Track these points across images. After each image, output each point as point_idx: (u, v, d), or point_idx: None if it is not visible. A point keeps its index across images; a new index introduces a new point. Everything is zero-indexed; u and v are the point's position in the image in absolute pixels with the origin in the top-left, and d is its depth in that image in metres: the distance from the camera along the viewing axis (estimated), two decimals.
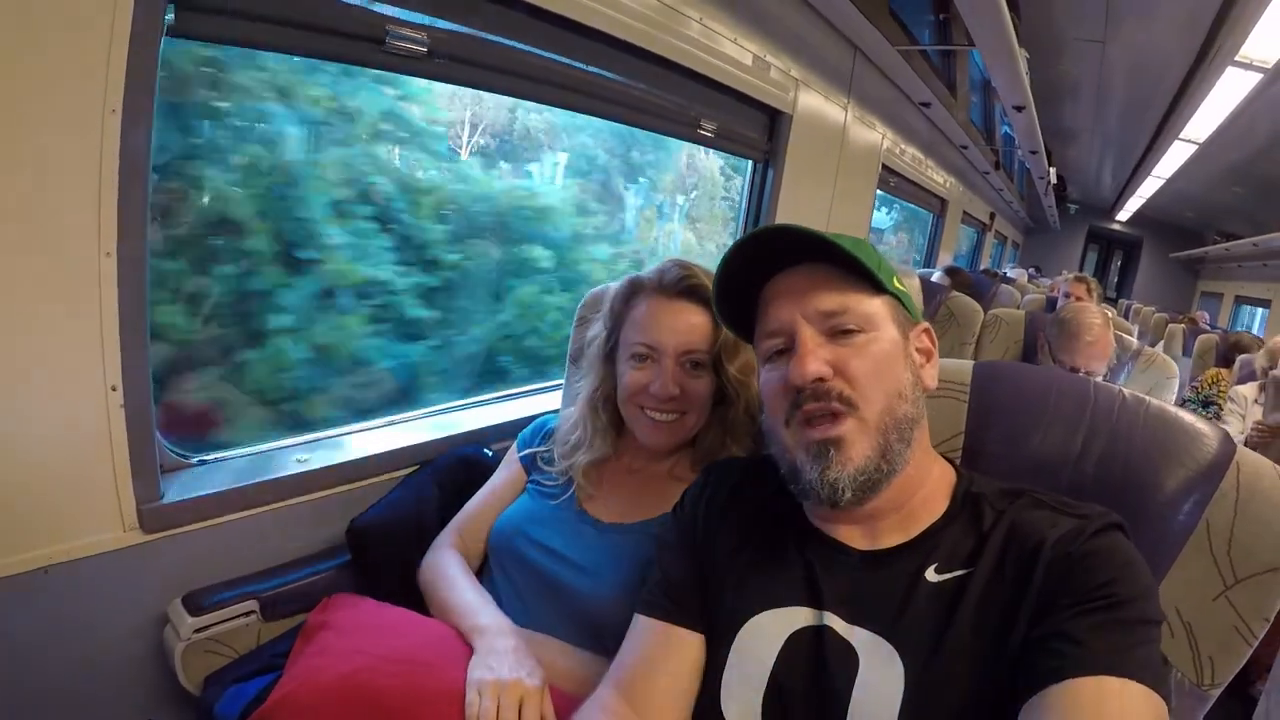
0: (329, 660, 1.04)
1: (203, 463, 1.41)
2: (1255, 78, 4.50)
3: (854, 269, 0.87)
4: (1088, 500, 0.86)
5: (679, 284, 1.25)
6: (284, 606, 1.36)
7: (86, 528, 1.17)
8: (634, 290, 1.30)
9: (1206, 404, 4.53)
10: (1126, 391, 1.02)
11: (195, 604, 1.27)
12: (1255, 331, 9.07)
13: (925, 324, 0.96)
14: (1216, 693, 0.89)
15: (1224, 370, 4.93)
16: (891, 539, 0.88)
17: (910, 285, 1.46)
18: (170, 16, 1.14)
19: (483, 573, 1.33)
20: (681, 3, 2.16)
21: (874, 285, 0.88)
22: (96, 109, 1.04)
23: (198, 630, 1.25)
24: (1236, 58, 4.20)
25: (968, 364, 1.11)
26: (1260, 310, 11.49)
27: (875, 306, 0.88)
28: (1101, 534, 0.78)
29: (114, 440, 1.17)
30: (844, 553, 0.89)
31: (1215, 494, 0.90)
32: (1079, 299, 3.82)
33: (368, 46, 1.42)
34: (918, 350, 0.93)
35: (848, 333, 0.86)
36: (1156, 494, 0.93)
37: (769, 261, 0.91)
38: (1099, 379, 1.25)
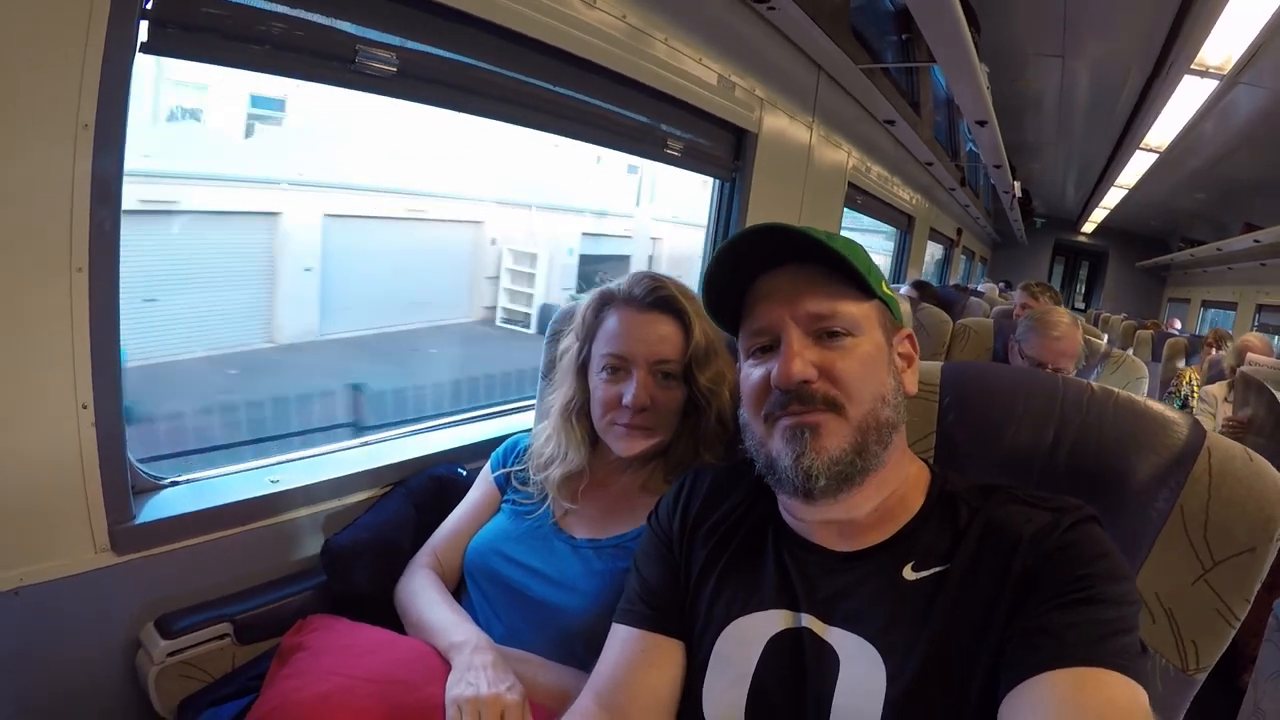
0: (305, 682, 1.03)
1: (175, 484, 1.39)
2: (1211, 84, 4.61)
3: (845, 271, 0.87)
4: (1062, 492, 0.86)
5: (649, 296, 1.26)
6: (259, 629, 1.34)
7: (58, 549, 1.15)
8: (605, 302, 1.30)
9: (1184, 405, 4.59)
10: (1095, 384, 1.03)
11: (168, 627, 1.25)
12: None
13: (908, 330, 0.96)
14: (1202, 677, 0.90)
15: (1196, 370, 5.02)
16: (867, 539, 0.87)
17: None
18: (143, 34, 1.14)
19: (459, 593, 1.32)
20: (647, 24, 2.18)
21: (863, 289, 0.88)
22: (69, 123, 1.04)
23: (171, 654, 1.24)
24: (1193, 65, 4.28)
25: (936, 365, 1.12)
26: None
27: (863, 310, 0.88)
28: (1076, 527, 0.78)
29: (85, 459, 1.15)
30: (820, 554, 0.89)
31: (1188, 480, 0.91)
32: (1028, 306, 3.87)
33: (338, 66, 1.43)
34: (900, 355, 0.94)
35: (835, 335, 0.86)
36: (1130, 483, 0.94)
37: (756, 260, 0.91)
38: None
